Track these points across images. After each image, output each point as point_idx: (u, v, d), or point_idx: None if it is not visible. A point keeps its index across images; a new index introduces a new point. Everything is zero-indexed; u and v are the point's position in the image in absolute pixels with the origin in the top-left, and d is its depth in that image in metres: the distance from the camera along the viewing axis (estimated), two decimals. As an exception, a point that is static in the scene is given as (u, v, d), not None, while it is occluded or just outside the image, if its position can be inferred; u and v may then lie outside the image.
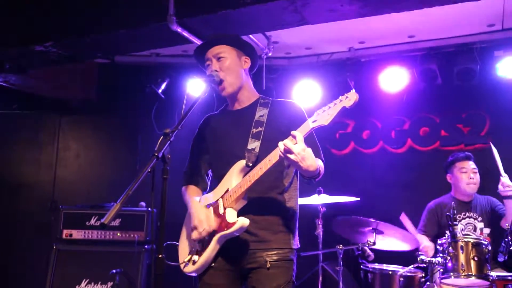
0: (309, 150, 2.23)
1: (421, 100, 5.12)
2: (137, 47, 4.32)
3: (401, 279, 3.70)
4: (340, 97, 2.24)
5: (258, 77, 4.87)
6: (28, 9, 4.09)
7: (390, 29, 4.61)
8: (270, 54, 4.71)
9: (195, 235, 2.46)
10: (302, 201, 3.80)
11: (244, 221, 2.37)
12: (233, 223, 2.38)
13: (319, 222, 3.82)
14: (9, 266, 5.51)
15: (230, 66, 2.55)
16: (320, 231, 3.81)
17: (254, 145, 2.48)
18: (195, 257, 2.50)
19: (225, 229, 2.40)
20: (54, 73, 5.09)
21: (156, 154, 2.03)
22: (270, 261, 2.40)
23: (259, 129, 2.51)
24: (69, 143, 5.75)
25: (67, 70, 5.15)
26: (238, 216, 2.43)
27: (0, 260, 5.53)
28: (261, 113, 2.56)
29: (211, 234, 2.46)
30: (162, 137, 2.09)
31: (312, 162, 2.22)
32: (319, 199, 3.84)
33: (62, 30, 3.95)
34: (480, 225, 4.14)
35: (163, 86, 5.23)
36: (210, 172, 2.75)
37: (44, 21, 4.02)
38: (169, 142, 2.09)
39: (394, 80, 4.91)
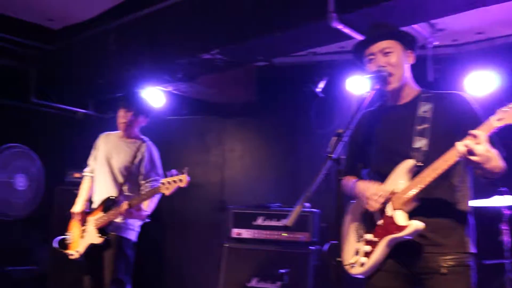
0: (494, 150, 2.10)
1: None
2: (296, 48, 4.36)
3: None
4: None
5: (423, 68, 4.60)
6: (194, 21, 4.40)
7: None
8: (435, 43, 4.41)
9: (372, 204, 2.39)
10: (481, 203, 3.49)
11: (418, 224, 2.26)
12: (405, 226, 2.28)
13: (504, 227, 3.45)
14: (184, 265, 5.92)
15: (397, 61, 2.47)
16: (505, 237, 3.44)
17: (421, 143, 2.36)
18: (363, 259, 2.43)
19: (396, 232, 2.31)
20: (218, 78, 5.33)
21: (330, 155, 2.01)
22: (445, 266, 2.26)
23: (425, 125, 2.38)
24: (234, 145, 6.01)
25: (229, 75, 5.38)
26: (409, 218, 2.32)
27: (176, 258, 6.00)
28: (425, 109, 2.43)
29: (380, 235, 2.38)
30: (335, 138, 2.07)
31: (497, 162, 2.10)
32: (502, 201, 3.49)
33: (226, 38, 4.15)
34: None
35: (321, 84, 5.21)
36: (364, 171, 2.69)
37: (209, 30, 4.27)
38: (342, 142, 2.06)
39: None
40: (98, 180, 3.98)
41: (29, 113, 5.95)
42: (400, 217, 2.32)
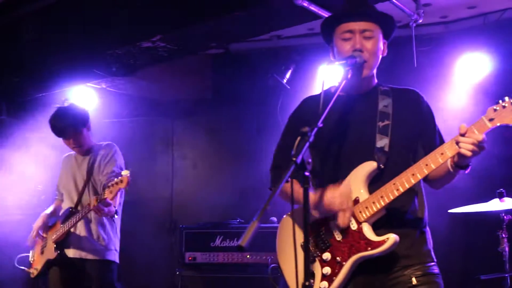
0: None
1: None
2: (256, 30, 4.36)
3: None
4: None
5: (407, 51, 4.70)
6: (130, 2, 4.35)
7: None
8: (420, 21, 4.53)
9: (344, 220, 2.41)
10: (477, 207, 3.62)
11: (395, 238, 2.33)
12: (381, 242, 2.34)
13: (503, 235, 3.59)
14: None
15: (375, 49, 2.54)
16: (505, 246, 3.58)
17: (382, 142, 2.48)
18: (324, 284, 2.43)
19: (368, 249, 2.36)
20: (163, 72, 5.31)
21: (294, 159, 2.03)
22: (416, 277, 2.40)
23: (386, 122, 2.51)
24: (185, 151, 5.97)
25: (177, 67, 5.34)
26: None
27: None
28: (385, 103, 2.56)
29: (344, 254, 2.41)
30: (299, 138, 2.09)
31: None
32: (501, 205, 3.62)
33: (169, 21, 4.12)
34: None
35: (288, 74, 5.24)
36: None
37: (149, 13, 4.22)
38: (307, 143, 2.08)
39: None
40: (65, 201, 4.26)
41: None
42: (369, 231, 2.37)
